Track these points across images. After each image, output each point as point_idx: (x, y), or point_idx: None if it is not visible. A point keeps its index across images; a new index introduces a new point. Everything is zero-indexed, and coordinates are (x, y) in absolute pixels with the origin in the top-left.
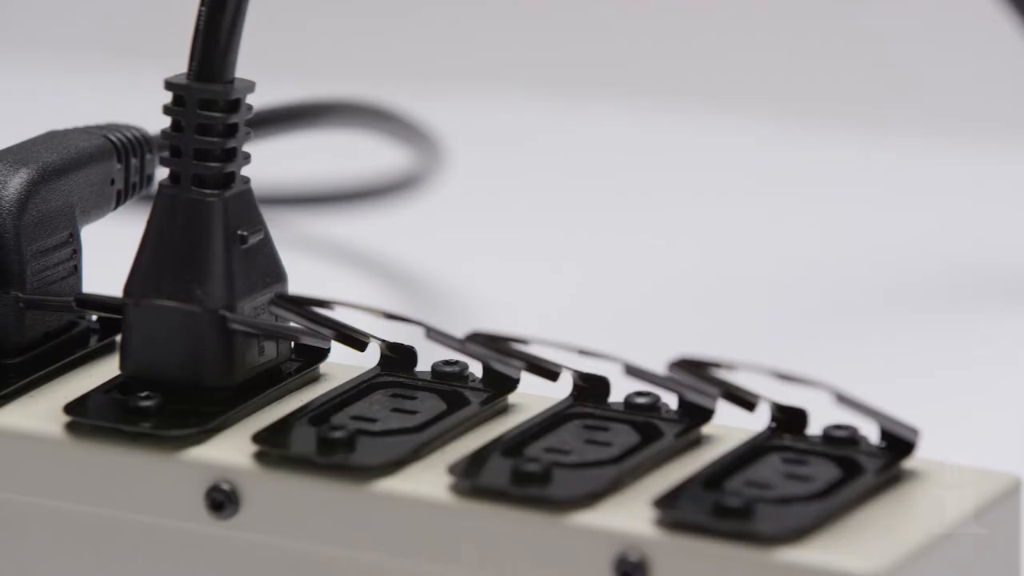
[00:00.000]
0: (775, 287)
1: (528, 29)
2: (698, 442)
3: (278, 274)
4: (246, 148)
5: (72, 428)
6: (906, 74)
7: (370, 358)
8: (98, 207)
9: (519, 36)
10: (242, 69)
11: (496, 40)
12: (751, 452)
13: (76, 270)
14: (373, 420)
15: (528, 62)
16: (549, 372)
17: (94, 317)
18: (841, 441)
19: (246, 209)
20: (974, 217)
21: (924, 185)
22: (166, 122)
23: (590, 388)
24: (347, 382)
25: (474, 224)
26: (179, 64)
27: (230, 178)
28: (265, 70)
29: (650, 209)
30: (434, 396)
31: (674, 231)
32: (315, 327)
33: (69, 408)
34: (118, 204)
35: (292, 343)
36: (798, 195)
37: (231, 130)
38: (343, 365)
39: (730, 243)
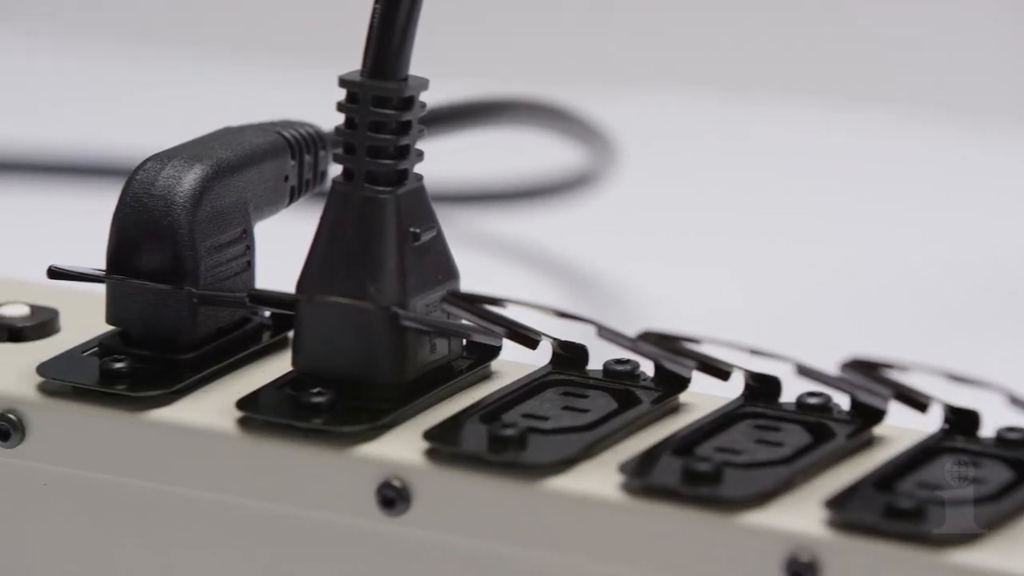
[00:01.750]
0: (935, 289)
1: (703, 28)
2: (870, 443)
3: (450, 271)
4: (419, 145)
5: (244, 423)
6: None
7: (542, 356)
8: (272, 203)
9: (694, 35)
10: (417, 66)
11: (671, 39)
12: (923, 453)
13: (249, 266)
14: (544, 418)
15: (703, 61)
16: (721, 371)
17: (267, 313)
18: (1014, 443)
19: (419, 206)
20: None
21: None
22: (339, 119)
23: (761, 388)
24: (518, 380)
25: (645, 223)
26: (352, 61)
27: (403, 175)
28: (440, 68)
29: (814, 211)
30: (605, 394)
31: (837, 233)
32: (487, 324)
33: (241, 403)
34: (291, 200)
35: (464, 340)
36: (957, 198)
37: (404, 127)
38: (515, 363)
39: (893, 245)
